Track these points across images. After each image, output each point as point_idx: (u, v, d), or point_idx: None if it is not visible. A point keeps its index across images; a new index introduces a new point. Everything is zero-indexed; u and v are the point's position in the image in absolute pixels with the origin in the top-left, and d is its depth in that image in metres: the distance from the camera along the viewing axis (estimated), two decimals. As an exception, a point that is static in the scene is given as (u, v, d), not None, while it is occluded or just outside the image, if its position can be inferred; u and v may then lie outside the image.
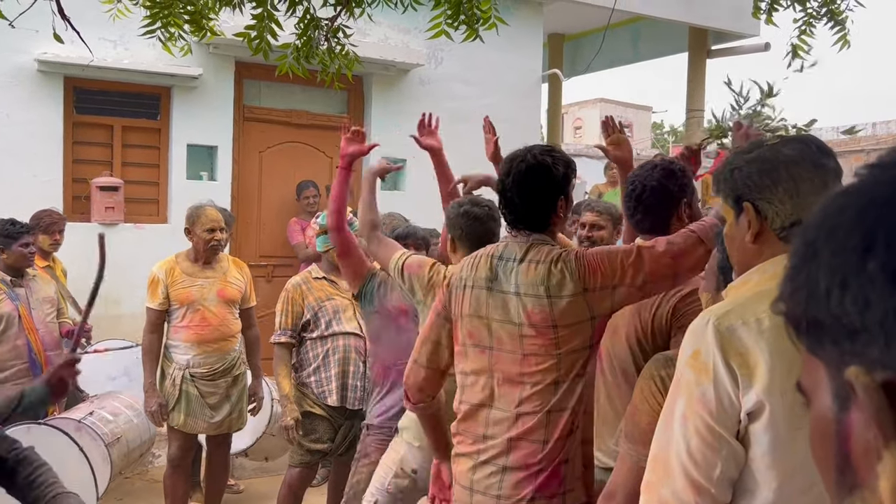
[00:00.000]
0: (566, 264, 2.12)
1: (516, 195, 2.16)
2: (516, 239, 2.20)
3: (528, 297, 2.12)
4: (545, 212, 2.18)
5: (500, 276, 2.17)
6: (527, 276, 2.13)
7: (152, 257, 5.05)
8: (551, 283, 2.10)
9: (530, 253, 2.16)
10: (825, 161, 1.53)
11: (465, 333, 2.23)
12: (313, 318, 3.89)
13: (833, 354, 0.46)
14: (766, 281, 1.51)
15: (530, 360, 2.15)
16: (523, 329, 2.14)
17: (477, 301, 2.19)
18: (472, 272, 2.23)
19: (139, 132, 6.15)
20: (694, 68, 8.80)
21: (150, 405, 4.15)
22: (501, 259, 2.19)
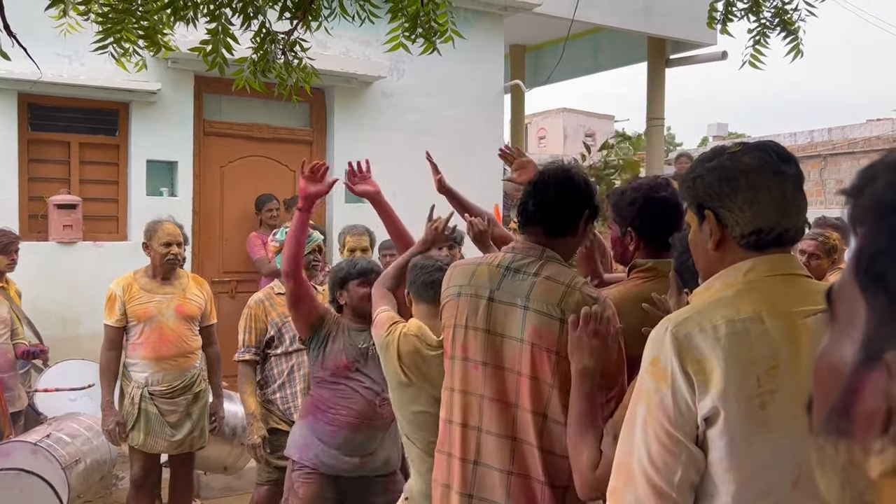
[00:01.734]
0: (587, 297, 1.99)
1: (551, 193, 2.10)
2: (527, 251, 2.09)
3: (538, 313, 1.99)
4: (569, 217, 2.11)
5: (504, 287, 2.05)
6: (542, 292, 2.01)
7: (112, 275, 4.95)
8: (568, 308, 1.97)
9: (547, 269, 2.05)
10: (785, 168, 1.55)
11: (456, 346, 2.10)
12: (277, 335, 3.85)
13: (881, 310, 0.44)
14: (726, 288, 1.53)
15: (525, 384, 2.00)
16: (524, 347, 2.01)
17: (473, 310, 2.07)
18: (465, 279, 2.11)
19: (97, 149, 6.05)
20: (653, 77, 8.92)
21: (108, 424, 4.07)
22: (509, 269, 2.07)
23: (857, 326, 0.46)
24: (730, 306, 1.47)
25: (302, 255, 3.05)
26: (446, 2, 2.47)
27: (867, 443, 0.42)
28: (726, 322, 1.45)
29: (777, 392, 1.43)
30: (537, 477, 1.99)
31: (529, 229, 2.12)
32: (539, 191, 2.11)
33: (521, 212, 2.15)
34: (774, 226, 1.52)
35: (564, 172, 2.14)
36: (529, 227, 2.12)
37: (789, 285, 1.52)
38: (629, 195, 2.37)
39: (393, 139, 6.82)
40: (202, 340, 4.28)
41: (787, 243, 1.55)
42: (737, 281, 1.52)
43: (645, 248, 2.33)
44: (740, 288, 1.51)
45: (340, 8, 2.42)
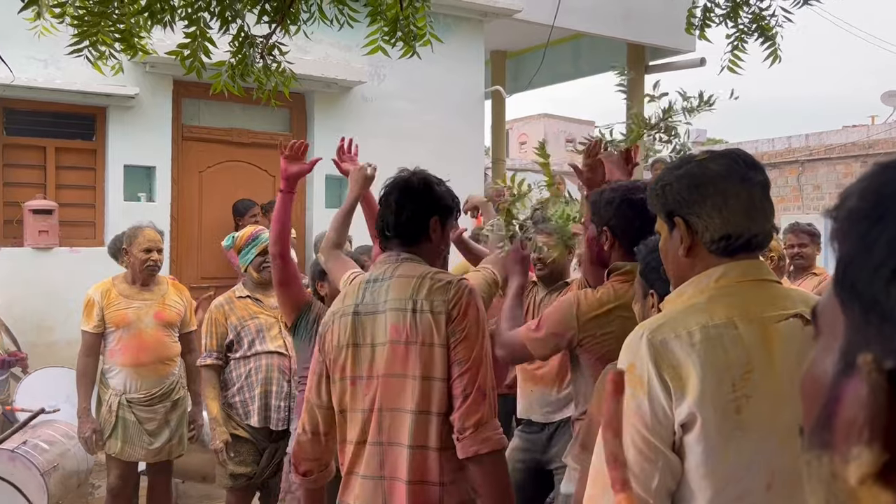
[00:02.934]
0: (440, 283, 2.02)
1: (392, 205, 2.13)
2: (385, 260, 2.12)
3: (393, 311, 2.02)
4: (417, 225, 2.13)
5: (368, 299, 2.07)
6: (396, 289, 2.04)
7: (89, 281, 4.89)
8: (419, 297, 2.00)
9: (400, 269, 2.08)
10: (752, 175, 1.57)
11: (337, 368, 2.09)
12: (236, 338, 3.83)
13: (856, 318, 0.44)
14: (698, 294, 1.54)
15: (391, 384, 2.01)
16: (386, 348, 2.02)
17: (344, 329, 2.07)
18: (340, 301, 2.14)
19: (74, 153, 5.99)
20: (632, 83, 8.97)
21: (84, 431, 4.02)
22: (370, 282, 2.09)
23: (838, 338, 0.47)
24: (703, 312, 1.49)
25: (289, 234, 3.04)
26: (425, 6, 2.47)
27: (847, 452, 0.43)
28: (700, 328, 1.46)
29: (752, 396, 1.44)
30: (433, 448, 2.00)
31: (388, 245, 2.15)
32: (384, 205, 2.15)
33: (377, 230, 2.19)
34: (743, 231, 1.54)
35: (404, 181, 2.17)
36: (387, 244, 2.15)
37: (760, 290, 1.53)
38: (607, 195, 2.38)
39: (373, 144, 6.78)
40: (181, 347, 4.24)
41: (755, 248, 1.57)
42: (709, 287, 1.54)
43: (620, 248, 2.34)
44: (713, 294, 1.52)
45: (319, 12, 2.41)
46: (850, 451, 0.42)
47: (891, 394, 0.41)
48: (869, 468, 0.41)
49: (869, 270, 0.43)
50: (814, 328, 0.53)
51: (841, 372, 0.45)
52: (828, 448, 0.45)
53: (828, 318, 0.49)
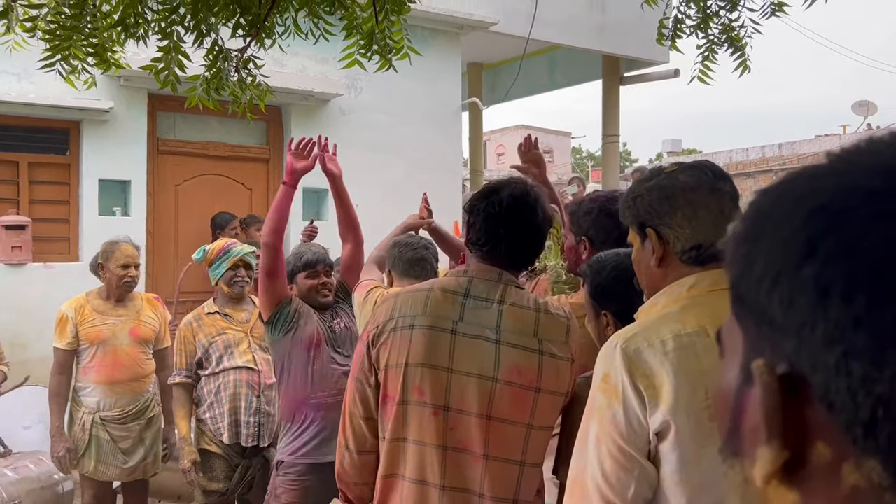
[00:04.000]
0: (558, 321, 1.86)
1: (510, 219, 1.87)
2: (484, 274, 1.87)
3: (514, 348, 1.80)
4: (535, 249, 1.95)
5: (468, 318, 1.81)
6: (513, 321, 1.82)
7: (63, 298, 4.83)
8: (544, 337, 1.83)
9: (509, 293, 1.86)
10: (721, 185, 1.60)
11: (410, 389, 1.80)
12: (205, 355, 3.80)
13: (751, 331, 0.47)
14: (671, 303, 1.56)
15: (498, 429, 1.79)
16: (497, 386, 1.79)
17: (433, 346, 1.79)
18: (420, 308, 1.83)
19: (47, 168, 5.93)
20: (608, 95, 9.07)
21: (57, 450, 3.95)
22: (468, 297, 1.84)
23: (738, 353, 0.50)
24: (676, 321, 1.50)
25: (284, 228, 3.05)
26: (401, 20, 2.48)
27: (753, 455, 0.45)
28: (673, 336, 1.47)
29: None
30: None
31: (487, 254, 1.90)
32: (505, 218, 1.87)
33: (477, 238, 1.90)
34: (714, 240, 1.56)
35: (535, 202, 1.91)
36: (487, 258, 1.90)
37: None
38: (586, 205, 2.42)
39: (351, 156, 6.78)
40: (155, 364, 4.19)
41: None
42: (681, 296, 1.56)
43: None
44: (685, 303, 1.54)
45: (294, 25, 2.42)
46: (755, 454, 0.45)
47: (783, 394, 0.43)
48: (771, 466, 0.44)
49: (753, 283, 0.46)
50: (719, 349, 0.56)
51: (742, 383, 0.48)
52: (738, 455, 0.48)
53: (729, 338, 0.53)
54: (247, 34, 2.18)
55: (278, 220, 2.94)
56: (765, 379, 0.44)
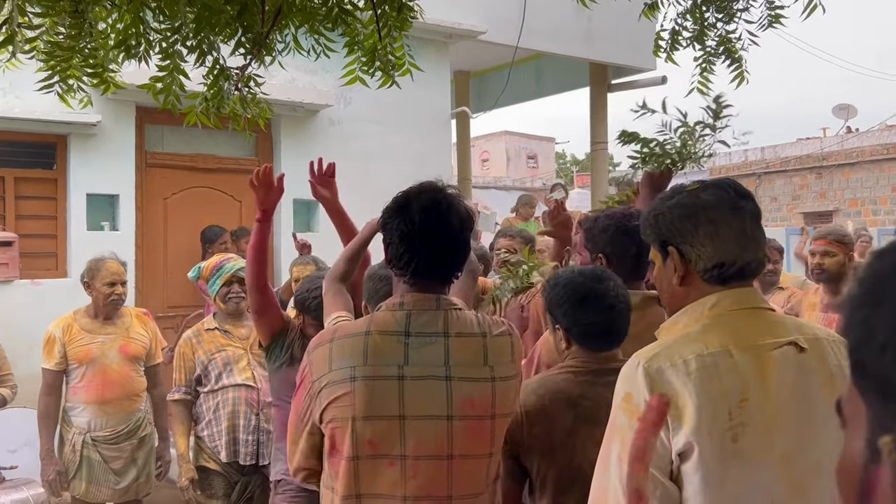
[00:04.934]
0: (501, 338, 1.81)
1: (425, 236, 1.76)
2: (421, 304, 1.77)
3: (466, 381, 1.73)
4: (459, 261, 1.84)
5: (414, 359, 1.72)
6: (461, 353, 1.75)
7: (52, 314, 4.75)
8: (495, 362, 1.77)
9: (452, 322, 1.77)
10: (743, 204, 1.59)
11: (362, 444, 1.69)
12: (204, 372, 3.77)
13: (874, 404, 0.45)
14: (693, 323, 1.55)
15: (460, 466, 1.73)
16: (454, 424, 1.72)
17: (381, 396, 1.69)
18: (358, 357, 1.71)
19: (34, 183, 5.84)
20: (596, 102, 9.09)
21: (48, 473, 3.89)
22: (409, 335, 1.73)
23: (861, 427, 0.47)
24: (698, 341, 1.49)
25: (265, 267, 2.93)
26: (402, 35, 2.46)
27: None
28: (696, 357, 1.46)
29: (748, 425, 1.44)
30: None
31: (415, 284, 1.79)
32: (411, 233, 1.76)
33: (397, 259, 1.79)
34: (736, 259, 1.56)
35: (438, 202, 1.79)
36: (414, 282, 1.79)
37: (754, 319, 1.55)
38: (602, 222, 2.41)
39: (341, 167, 6.66)
40: (147, 381, 4.14)
41: (748, 276, 1.59)
42: (703, 315, 1.55)
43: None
44: (707, 322, 1.53)
45: (295, 42, 2.39)
46: None
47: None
48: None
49: (875, 351, 0.44)
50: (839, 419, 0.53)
51: (869, 461, 0.45)
52: None
53: (851, 409, 0.50)
54: (248, 52, 2.15)
55: (258, 260, 2.81)
56: (894, 458, 0.42)
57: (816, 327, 1.60)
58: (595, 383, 2.01)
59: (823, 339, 1.56)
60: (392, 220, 1.81)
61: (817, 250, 4.04)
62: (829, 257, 3.97)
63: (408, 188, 1.86)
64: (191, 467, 3.73)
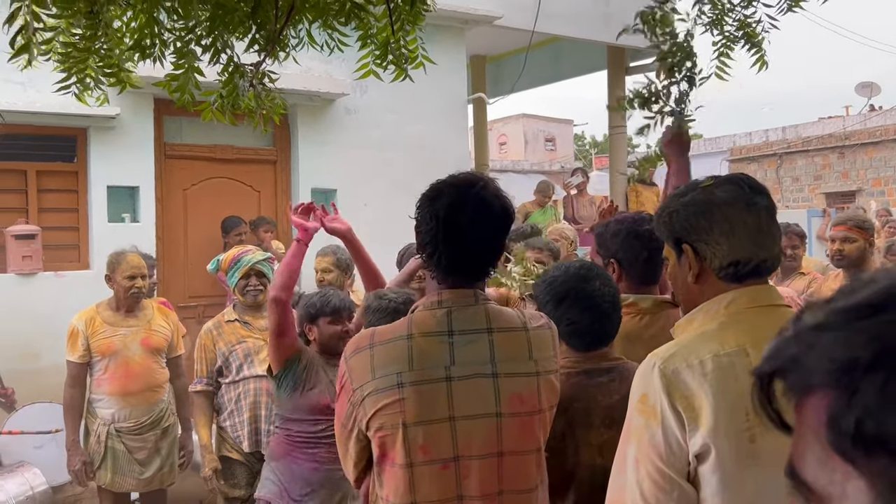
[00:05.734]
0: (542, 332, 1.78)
1: (449, 233, 1.70)
2: (459, 301, 1.73)
3: (513, 376, 1.70)
4: (495, 255, 1.79)
5: (459, 358, 1.68)
6: (507, 348, 1.71)
7: (76, 306, 4.81)
8: (539, 356, 1.74)
9: (494, 317, 1.73)
10: (758, 200, 1.58)
11: (414, 450, 1.65)
12: (225, 364, 3.81)
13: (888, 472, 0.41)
14: (709, 321, 1.54)
15: (511, 463, 1.71)
16: (503, 421, 1.69)
17: (430, 400, 1.66)
18: (403, 363, 1.67)
19: (55, 176, 5.91)
20: (613, 86, 9.00)
21: (74, 464, 3.97)
22: (453, 333, 1.69)
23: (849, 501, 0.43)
24: (714, 340, 1.48)
25: (294, 285, 2.92)
26: (416, 28, 2.45)
27: None
28: (712, 357, 1.45)
29: (766, 425, 1.43)
30: None
31: (450, 280, 1.75)
32: (448, 225, 1.70)
33: (431, 255, 1.74)
34: (751, 257, 1.54)
35: (480, 199, 1.73)
36: (450, 279, 1.75)
37: (770, 316, 1.53)
38: (613, 227, 2.42)
39: (358, 156, 6.78)
40: (169, 372, 4.19)
41: (764, 273, 1.58)
42: (719, 313, 1.54)
43: (626, 279, 2.36)
44: (723, 321, 1.52)
45: (309, 37, 2.39)
46: None
47: None
48: None
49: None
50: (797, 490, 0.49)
51: None
52: None
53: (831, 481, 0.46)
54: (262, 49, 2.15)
55: (289, 276, 2.82)
56: None
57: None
58: (587, 385, 2.00)
59: None
60: (421, 211, 1.77)
61: (837, 236, 3.99)
62: (850, 243, 3.92)
63: (445, 178, 1.81)
64: (214, 457, 3.78)
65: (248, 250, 4.02)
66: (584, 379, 2.02)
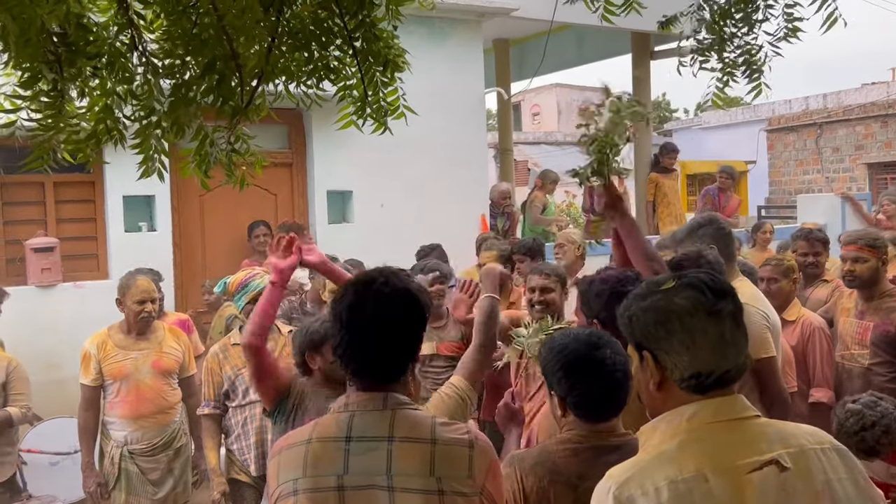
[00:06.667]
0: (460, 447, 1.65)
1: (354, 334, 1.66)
2: (365, 404, 1.66)
3: (410, 492, 1.59)
4: (406, 356, 1.72)
5: (354, 467, 1.61)
6: (405, 460, 1.61)
7: (95, 316, 4.90)
8: (443, 473, 1.62)
9: (399, 424, 1.64)
10: (721, 305, 1.50)
11: None
12: (231, 388, 3.82)
13: None
14: (669, 438, 1.48)
15: None
16: None
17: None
18: (299, 469, 1.63)
19: (72, 187, 5.96)
20: (638, 70, 8.78)
21: (89, 485, 4.06)
22: (351, 440, 1.63)
23: None
24: (672, 464, 1.42)
25: (268, 330, 2.82)
26: (395, 79, 2.39)
27: None
28: (668, 483, 1.40)
29: None
30: None
31: (358, 374, 1.70)
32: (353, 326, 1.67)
33: (341, 357, 1.71)
34: (714, 369, 1.48)
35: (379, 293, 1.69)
36: (359, 380, 1.70)
37: (734, 433, 1.47)
38: (597, 287, 2.36)
39: (375, 156, 6.72)
40: (181, 392, 4.24)
41: (728, 383, 1.51)
42: (681, 428, 1.48)
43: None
44: (683, 438, 1.46)
45: (287, 92, 2.34)
46: None
47: None
48: None
49: None
50: None
51: None
52: None
53: None
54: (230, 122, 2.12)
55: (261, 321, 2.71)
56: None
57: (803, 436, 1.50)
58: (595, 463, 1.93)
59: (810, 450, 1.47)
60: (332, 310, 1.73)
61: (848, 256, 3.85)
62: (861, 263, 3.78)
63: (352, 278, 1.78)
64: (222, 480, 3.82)
65: (255, 274, 3.99)
66: (592, 456, 1.98)
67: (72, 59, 1.83)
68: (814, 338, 3.82)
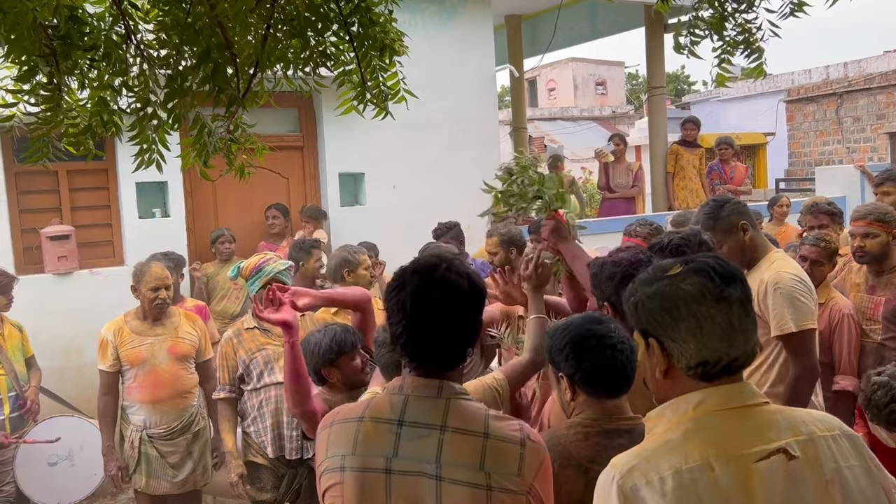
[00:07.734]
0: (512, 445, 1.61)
1: (418, 321, 1.64)
2: (420, 390, 1.65)
3: (457, 484, 1.57)
4: (464, 344, 1.69)
5: (403, 451, 1.60)
6: (455, 451, 1.59)
7: (113, 301, 4.95)
8: (493, 469, 1.58)
9: (452, 413, 1.62)
10: (729, 291, 1.46)
11: None
12: (245, 371, 3.83)
13: None
14: (675, 426, 1.46)
15: None
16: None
17: (368, 489, 1.60)
18: (349, 445, 1.64)
19: (86, 175, 5.99)
20: (652, 45, 8.65)
21: (110, 469, 4.12)
22: (402, 424, 1.62)
23: None
24: (677, 452, 1.40)
25: (309, 392, 2.69)
26: (395, 63, 2.35)
27: None
28: (673, 473, 1.38)
29: None
30: None
31: (415, 359, 1.68)
32: (410, 312, 1.65)
33: (395, 339, 1.69)
34: (721, 356, 1.44)
35: (443, 280, 1.66)
36: (414, 367, 1.68)
37: (741, 420, 1.43)
38: (608, 269, 2.34)
39: (386, 137, 6.68)
40: (199, 376, 4.27)
41: (736, 371, 1.47)
42: (686, 416, 1.45)
43: (621, 321, 2.27)
44: (688, 427, 1.43)
45: (286, 79, 2.31)
46: None
47: None
48: None
49: None
50: None
51: None
52: None
53: None
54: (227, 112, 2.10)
55: (296, 387, 2.60)
56: None
57: (813, 423, 1.46)
58: (606, 446, 1.93)
59: (820, 437, 1.44)
60: (389, 298, 1.69)
61: (857, 231, 3.77)
62: (871, 238, 3.70)
63: (408, 264, 1.74)
64: (239, 463, 3.85)
65: (269, 259, 3.97)
66: (603, 440, 1.97)
67: (67, 52, 1.82)
68: (842, 324, 3.72)
